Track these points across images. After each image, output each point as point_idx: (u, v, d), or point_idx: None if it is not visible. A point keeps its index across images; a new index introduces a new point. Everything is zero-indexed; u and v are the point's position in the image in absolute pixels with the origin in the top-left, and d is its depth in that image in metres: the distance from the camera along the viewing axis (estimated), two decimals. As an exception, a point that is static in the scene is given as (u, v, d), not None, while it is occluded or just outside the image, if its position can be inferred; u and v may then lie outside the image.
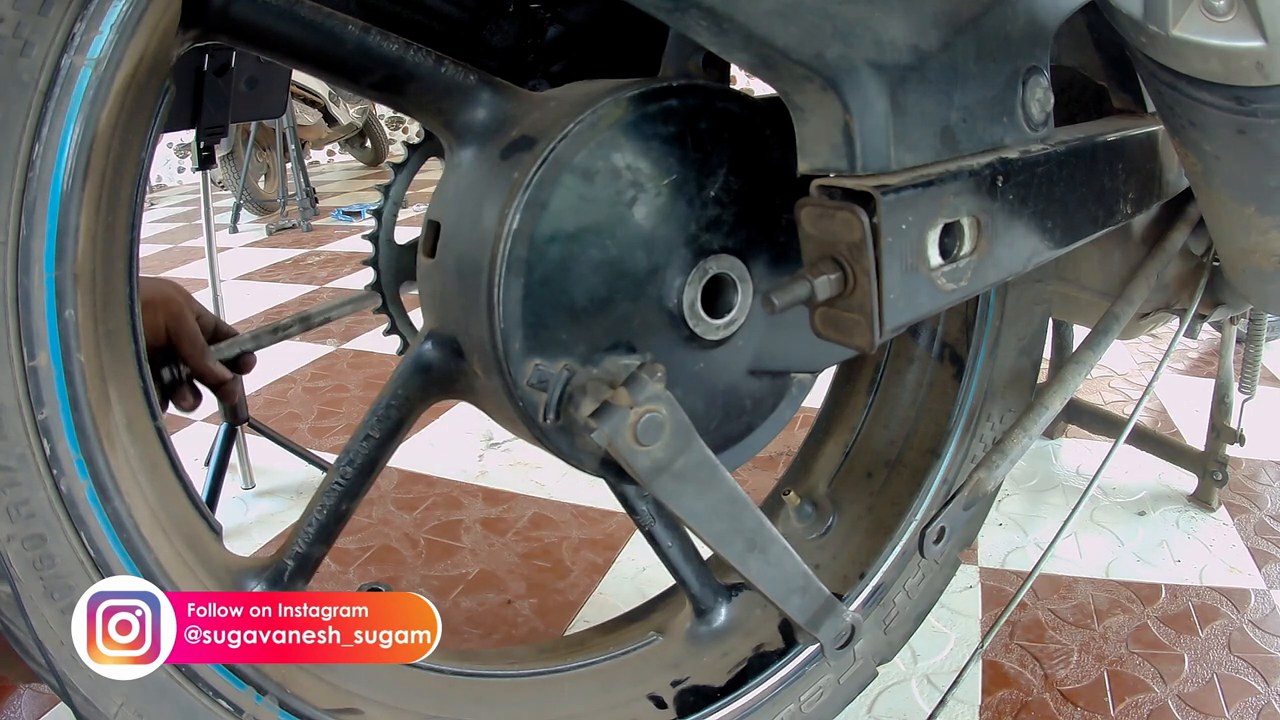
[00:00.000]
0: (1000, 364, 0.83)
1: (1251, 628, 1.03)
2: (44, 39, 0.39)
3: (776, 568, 0.58)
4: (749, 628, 0.75)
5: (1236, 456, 1.36)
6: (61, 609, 0.45)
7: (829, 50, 0.45)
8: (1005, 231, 0.53)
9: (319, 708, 0.54)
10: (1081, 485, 1.38)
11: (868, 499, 0.84)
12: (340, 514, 0.57)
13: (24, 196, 0.40)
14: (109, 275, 0.45)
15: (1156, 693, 0.93)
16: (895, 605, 0.81)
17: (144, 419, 0.49)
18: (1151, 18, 0.47)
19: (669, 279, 0.54)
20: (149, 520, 0.48)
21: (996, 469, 0.70)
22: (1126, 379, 1.83)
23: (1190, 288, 0.89)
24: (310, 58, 0.50)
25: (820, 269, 0.48)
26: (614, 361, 0.53)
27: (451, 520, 1.37)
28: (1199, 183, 0.65)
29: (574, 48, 0.72)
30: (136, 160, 0.46)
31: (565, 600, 1.15)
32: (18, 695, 0.98)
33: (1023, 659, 0.99)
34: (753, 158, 0.56)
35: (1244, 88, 0.48)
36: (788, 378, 0.63)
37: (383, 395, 0.56)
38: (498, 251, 0.49)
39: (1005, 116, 0.53)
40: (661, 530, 0.72)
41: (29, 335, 0.41)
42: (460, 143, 0.54)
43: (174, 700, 0.48)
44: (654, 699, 0.70)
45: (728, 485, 0.54)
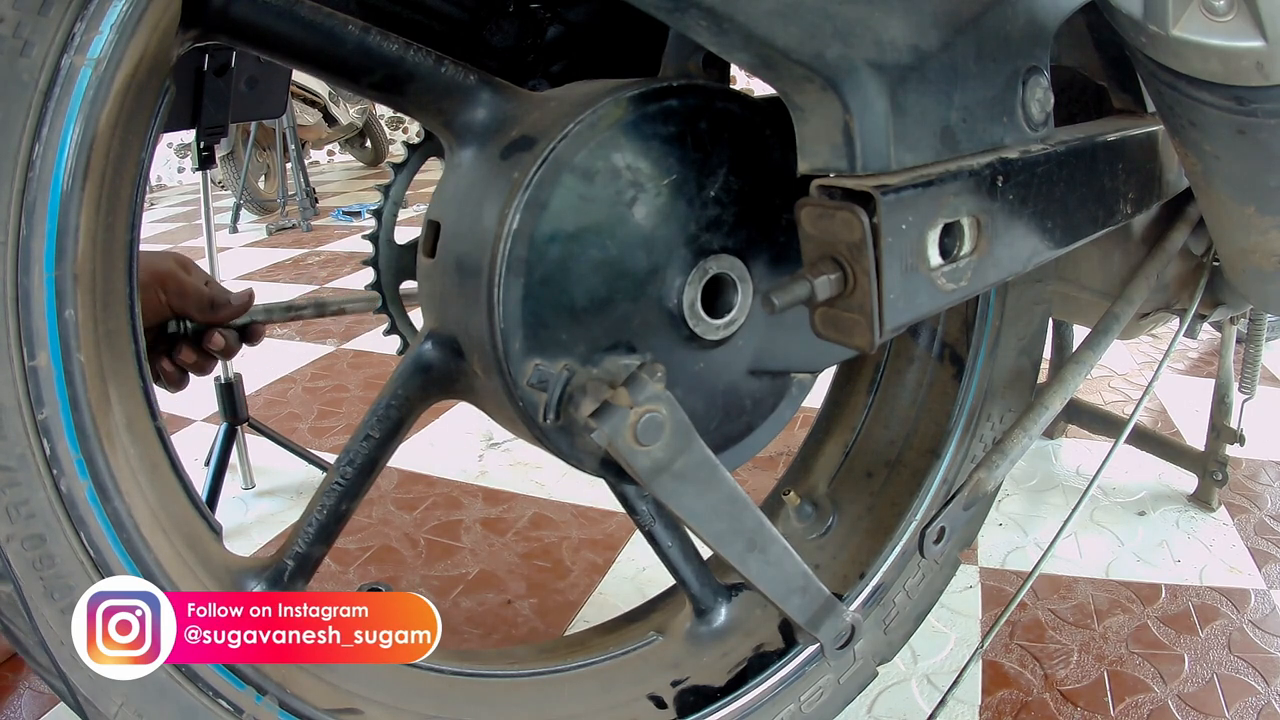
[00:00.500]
0: (1000, 364, 0.83)
1: (1251, 628, 1.03)
2: (44, 39, 0.39)
3: (776, 568, 0.58)
4: (749, 628, 0.75)
5: (1236, 456, 1.36)
6: (61, 609, 0.44)
7: (829, 50, 0.45)
8: (1005, 231, 0.53)
9: (319, 708, 0.54)
10: (1081, 485, 1.38)
11: (868, 499, 0.84)
12: (340, 514, 0.57)
13: (24, 196, 0.40)
14: (109, 275, 0.45)
15: (1156, 693, 0.93)
16: (895, 605, 0.81)
17: (144, 419, 0.49)
18: (1151, 18, 0.47)
19: (669, 279, 0.54)
20: (149, 520, 0.48)
21: (996, 469, 0.70)
22: (1126, 379, 1.83)
23: (1190, 288, 0.89)
24: (310, 58, 0.50)
25: (820, 269, 0.48)
26: (614, 361, 0.53)
27: (451, 520, 1.37)
28: (1199, 183, 0.65)
29: (574, 48, 0.72)
30: (136, 160, 0.46)
31: (565, 600, 1.15)
32: (18, 695, 0.98)
33: (1023, 659, 0.99)
34: (753, 158, 0.56)
35: (1244, 88, 0.48)
36: (788, 378, 0.63)
37: (383, 395, 0.56)
38: (498, 251, 0.49)
39: (1005, 116, 0.53)
40: (661, 530, 0.72)
41: (29, 335, 0.41)
42: (460, 143, 0.54)
43: (174, 700, 0.48)
44: (654, 699, 0.70)
45: (728, 485, 0.54)
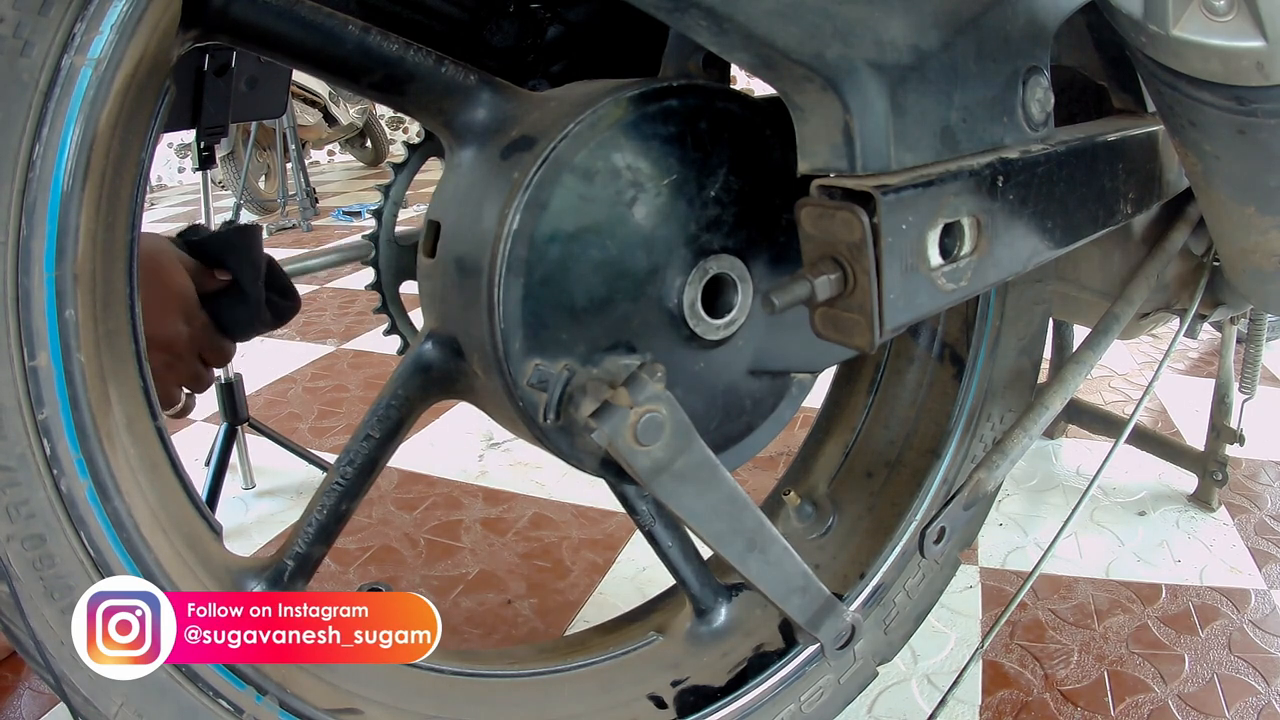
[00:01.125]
0: (1000, 364, 0.83)
1: (1252, 628, 1.03)
2: (44, 39, 0.39)
3: (777, 568, 0.58)
4: (749, 628, 0.75)
5: (1236, 456, 1.36)
6: (61, 609, 0.44)
7: (829, 50, 0.45)
8: (1005, 231, 0.53)
9: (319, 708, 0.54)
10: (1081, 485, 1.38)
11: (868, 499, 0.84)
12: (340, 514, 0.57)
13: (24, 197, 0.40)
14: (109, 275, 0.45)
15: (1157, 693, 0.93)
16: (895, 605, 0.81)
17: (144, 419, 0.49)
18: (1151, 18, 0.47)
19: (669, 279, 0.54)
20: (149, 520, 0.48)
21: (997, 469, 0.70)
22: (1126, 379, 1.83)
23: (1190, 288, 0.89)
24: (310, 58, 0.50)
25: (820, 269, 0.48)
26: (614, 361, 0.53)
27: (451, 520, 1.37)
28: (1199, 183, 0.65)
29: (574, 48, 0.72)
30: (136, 160, 0.46)
31: (565, 600, 1.15)
32: (18, 695, 0.98)
33: (1023, 659, 0.99)
34: (753, 158, 0.56)
35: (1244, 88, 0.48)
36: (788, 378, 0.63)
37: (383, 395, 0.56)
38: (498, 251, 0.49)
39: (1005, 116, 0.53)
40: (661, 530, 0.72)
41: (29, 335, 0.41)
42: (460, 143, 0.54)
43: (174, 700, 0.48)
44: (654, 699, 0.70)
45: (728, 485, 0.54)
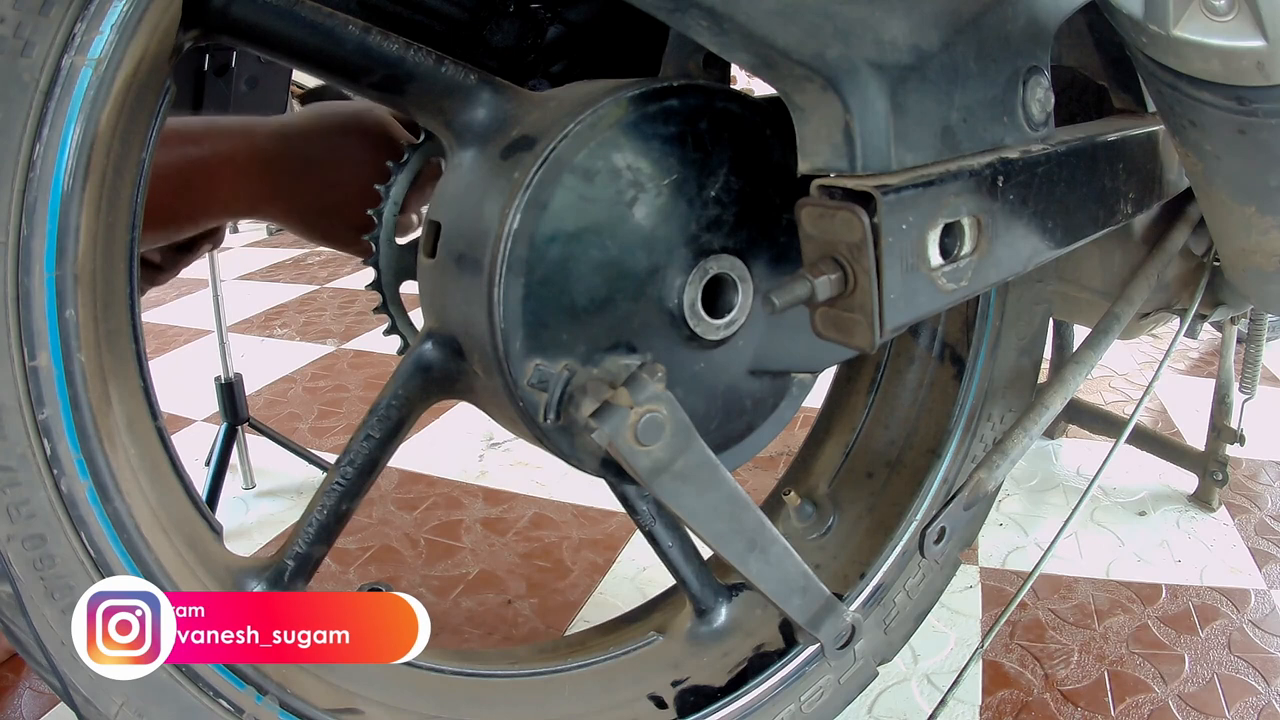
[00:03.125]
0: (1001, 364, 0.83)
1: (1252, 628, 1.03)
2: (44, 39, 0.39)
3: (777, 568, 0.58)
4: (749, 628, 0.75)
5: (1237, 456, 1.36)
6: (62, 609, 0.44)
7: (829, 50, 0.45)
8: (1006, 231, 0.53)
9: (319, 708, 0.54)
10: (1082, 485, 1.38)
11: (868, 499, 0.84)
12: (340, 514, 0.57)
13: (25, 196, 0.40)
14: (109, 275, 0.45)
15: (1157, 693, 0.93)
16: (895, 605, 0.81)
17: (144, 419, 0.49)
18: (1152, 18, 0.47)
19: (669, 279, 0.54)
20: (149, 520, 0.48)
21: (997, 469, 0.70)
22: (1126, 379, 1.83)
23: (1190, 288, 0.89)
24: (310, 58, 0.50)
25: (820, 269, 0.48)
26: (614, 361, 0.53)
27: (452, 520, 1.37)
28: (1199, 183, 0.65)
29: (574, 48, 0.71)
30: (137, 160, 0.46)
31: (565, 600, 1.15)
32: (18, 695, 0.98)
33: (1023, 659, 0.99)
34: (753, 158, 0.56)
35: (1244, 88, 0.48)
36: (788, 378, 0.63)
37: (383, 395, 0.56)
38: (498, 251, 0.49)
39: (1006, 116, 0.53)
40: (662, 530, 0.72)
41: (29, 335, 0.41)
42: (460, 143, 0.54)
43: (174, 700, 0.48)
44: (654, 699, 0.70)
45: (728, 485, 0.54)
